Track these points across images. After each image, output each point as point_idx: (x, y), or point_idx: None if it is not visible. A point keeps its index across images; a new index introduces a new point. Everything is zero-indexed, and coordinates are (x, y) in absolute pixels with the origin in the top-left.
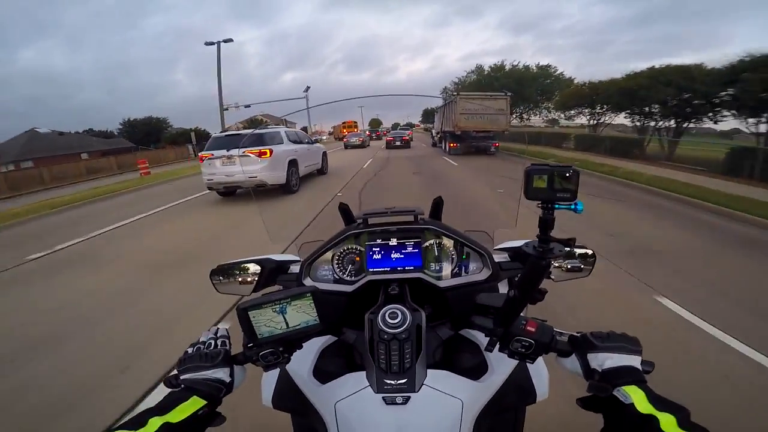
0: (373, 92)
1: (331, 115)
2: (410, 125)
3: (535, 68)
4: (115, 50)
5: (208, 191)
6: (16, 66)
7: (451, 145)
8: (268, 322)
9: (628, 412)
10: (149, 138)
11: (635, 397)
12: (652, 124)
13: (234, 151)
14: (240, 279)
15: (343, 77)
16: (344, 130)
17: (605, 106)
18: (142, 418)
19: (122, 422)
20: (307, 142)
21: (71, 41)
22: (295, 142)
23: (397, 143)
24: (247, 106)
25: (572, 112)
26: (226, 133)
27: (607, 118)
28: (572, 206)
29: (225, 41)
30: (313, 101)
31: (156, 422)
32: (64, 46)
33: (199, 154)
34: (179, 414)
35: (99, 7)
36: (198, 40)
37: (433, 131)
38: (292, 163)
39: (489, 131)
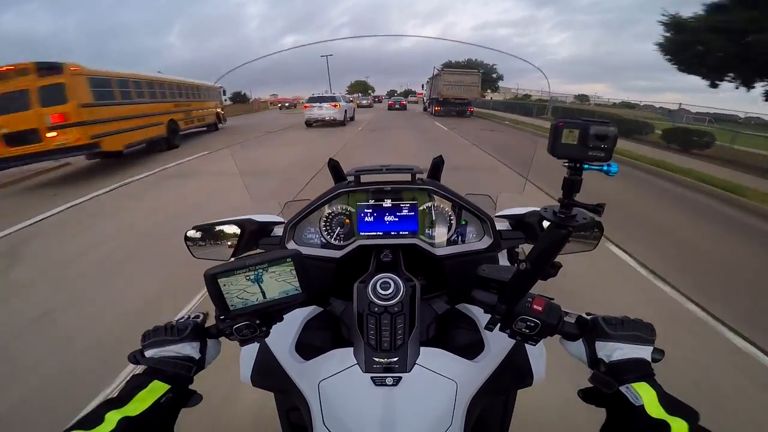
0: (377, 59)
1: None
2: (410, 92)
3: None
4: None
5: None
6: None
7: (436, 108)
8: (240, 292)
9: (637, 415)
10: None
11: (646, 398)
12: None
13: (324, 104)
14: (218, 242)
15: (346, 42)
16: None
17: None
18: (98, 414)
19: (78, 419)
20: (347, 102)
21: None
22: (344, 101)
23: (396, 106)
24: None
25: None
26: (317, 95)
27: None
28: (605, 167)
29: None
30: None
31: (113, 417)
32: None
33: (303, 104)
34: (139, 405)
35: None
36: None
37: (424, 98)
38: (346, 112)
39: (465, 99)
